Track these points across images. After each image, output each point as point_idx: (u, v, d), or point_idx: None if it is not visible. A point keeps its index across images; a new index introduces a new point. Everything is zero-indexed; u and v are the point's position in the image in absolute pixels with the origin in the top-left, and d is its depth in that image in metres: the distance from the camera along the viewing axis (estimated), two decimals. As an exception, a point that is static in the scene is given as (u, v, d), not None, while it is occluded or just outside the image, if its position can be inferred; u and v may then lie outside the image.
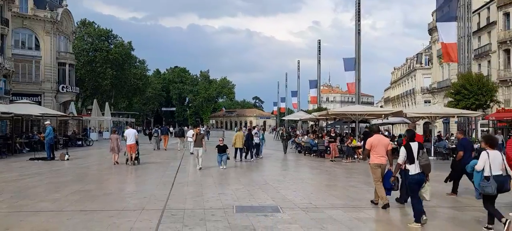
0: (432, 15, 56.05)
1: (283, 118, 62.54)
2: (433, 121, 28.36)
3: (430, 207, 9.63)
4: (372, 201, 9.92)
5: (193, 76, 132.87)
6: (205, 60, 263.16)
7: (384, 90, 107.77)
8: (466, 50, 30.98)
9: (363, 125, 30.98)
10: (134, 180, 14.93)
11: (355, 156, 22.11)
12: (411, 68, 76.80)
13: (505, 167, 7.50)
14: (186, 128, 39.95)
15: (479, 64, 48.04)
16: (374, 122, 30.82)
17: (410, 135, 8.42)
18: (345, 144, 22.78)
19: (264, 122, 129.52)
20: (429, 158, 9.20)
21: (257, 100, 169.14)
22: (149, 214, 8.63)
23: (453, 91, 30.89)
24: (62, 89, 50.07)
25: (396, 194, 9.70)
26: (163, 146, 29.92)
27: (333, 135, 25.39)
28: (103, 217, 8.39)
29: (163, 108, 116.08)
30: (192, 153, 19.55)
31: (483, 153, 7.52)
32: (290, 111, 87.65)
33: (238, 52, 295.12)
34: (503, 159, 7.53)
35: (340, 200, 10.55)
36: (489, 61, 47.59)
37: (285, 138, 30.98)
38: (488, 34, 48.12)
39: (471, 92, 29.01)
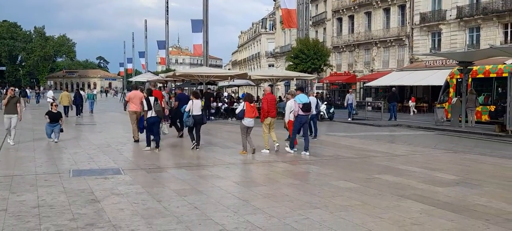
0: (276, -18, 58.70)
1: (130, 79, 60.40)
2: (275, 83, 30.13)
3: (270, 162, 10.29)
4: (134, 139, 13.51)
5: (26, 32, 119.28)
6: (40, 15, 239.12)
7: (232, 54, 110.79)
8: (305, 17, 33.20)
9: (211, 86, 31.46)
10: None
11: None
12: (257, 32, 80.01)
13: (201, 109, 11.79)
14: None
15: (316, 31, 52.15)
16: (220, 84, 31.51)
17: (148, 93, 11.93)
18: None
19: (110, 84, 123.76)
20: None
21: (101, 61, 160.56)
22: (-33, 184, 7.61)
23: (292, 55, 33.08)
24: None
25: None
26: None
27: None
28: None
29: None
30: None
31: (190, 101, 11.68)
32: (138, 73, 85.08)
33: (79, 8, 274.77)
34: (200, 105, 11.81)
35: (185, 160, 10.63)
36: (324, 28, 51.94)
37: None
38: (324, 3, 52.28)
39: (308, 56, 31.41)
